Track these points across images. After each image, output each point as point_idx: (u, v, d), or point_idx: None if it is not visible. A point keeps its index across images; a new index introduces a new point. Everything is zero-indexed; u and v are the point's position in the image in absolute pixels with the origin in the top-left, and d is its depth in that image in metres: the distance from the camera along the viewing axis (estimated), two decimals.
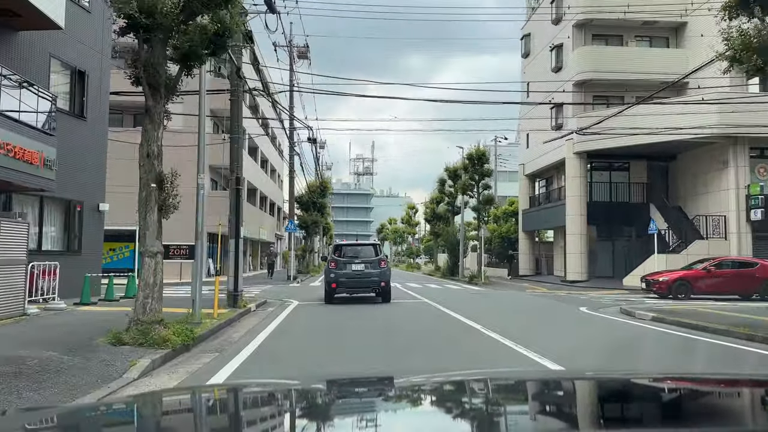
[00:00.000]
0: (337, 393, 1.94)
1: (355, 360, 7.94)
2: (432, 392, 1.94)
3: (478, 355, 8.43)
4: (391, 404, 1.80)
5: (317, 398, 1.89)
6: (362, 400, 1.86)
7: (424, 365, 7.29)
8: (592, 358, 8.51)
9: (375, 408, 1.74)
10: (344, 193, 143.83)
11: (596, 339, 10.38)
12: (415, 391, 1.95)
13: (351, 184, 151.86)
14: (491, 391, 1.93)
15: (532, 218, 35.11)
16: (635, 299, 19.04)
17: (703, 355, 8.85)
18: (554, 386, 2.03)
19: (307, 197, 41.32)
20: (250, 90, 19.98)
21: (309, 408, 1.78)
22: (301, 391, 1.95)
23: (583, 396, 1.89)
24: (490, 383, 2.07)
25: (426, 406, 1.79)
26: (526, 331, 10.74)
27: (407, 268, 59.82)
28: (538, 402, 1.84)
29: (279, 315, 13.37)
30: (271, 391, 2.08)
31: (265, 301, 16.94)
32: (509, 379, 2.31)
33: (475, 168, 31.99)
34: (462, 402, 1.84)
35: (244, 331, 10.59)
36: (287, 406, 1.80)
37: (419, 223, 68.25)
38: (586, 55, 28.69)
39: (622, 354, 9.00)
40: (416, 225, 65.15)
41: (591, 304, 16.81)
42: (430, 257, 79.61)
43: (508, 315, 14.34)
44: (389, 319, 12.82)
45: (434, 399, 1.87)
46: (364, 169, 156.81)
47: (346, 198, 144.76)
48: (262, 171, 42.27)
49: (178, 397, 2.04)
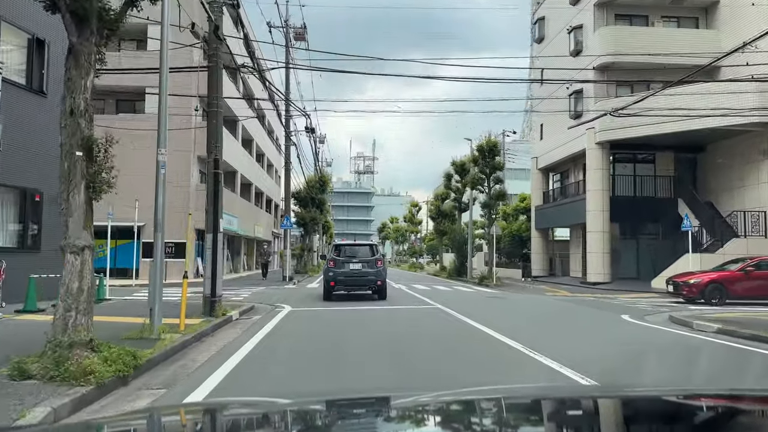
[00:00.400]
0: (335, 415, 1.77)
1: None
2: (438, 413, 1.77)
3: None
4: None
5: (313, 420, 1.75)
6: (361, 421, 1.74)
7: None
8: None
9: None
10: (345, 192, 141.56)
11: (677, 365, 7.98)
12: (419, 412, 1.81)
13: (352, 183, 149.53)
14: (505, 411, 1.78)
15: (546, 215, 32.71)
16: (675, 305, 16.66)
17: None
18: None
19: (305, 193, 38.93)
20: (237, 67, 17.59)
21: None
22: (295, 412, 1.78)
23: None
24: (504, 402, 1.89)
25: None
26: (578, 351, 8.36)
27: (410, 268, 57.41)
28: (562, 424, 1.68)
29: (265, 326, 10.97)
30: (256, 412, 1.88)
31: (253, 306, 14.55)
32: (525, 397, 2.05)
33: (486, 161, 29.60)
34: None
35: (215, 349, 8.21)
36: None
37: (422, 221, 65.81)
38: (608, 35, 26.27)
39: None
40: (419, 223, 62.70)
41: (631, 311, 14.45)
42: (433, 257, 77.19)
43: (544, 327, 11.92)
44: (401, 333, 10.43)
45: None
46: (364, 167, 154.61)
47: (346, 196, 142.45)
48: (257, 165, 39.88)
49: (141, 422, 1.81)
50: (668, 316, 13.06)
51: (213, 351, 8.09)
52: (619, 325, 11.94)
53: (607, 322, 12.66)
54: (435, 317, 13.00)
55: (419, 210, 61.25)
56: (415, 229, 61.24)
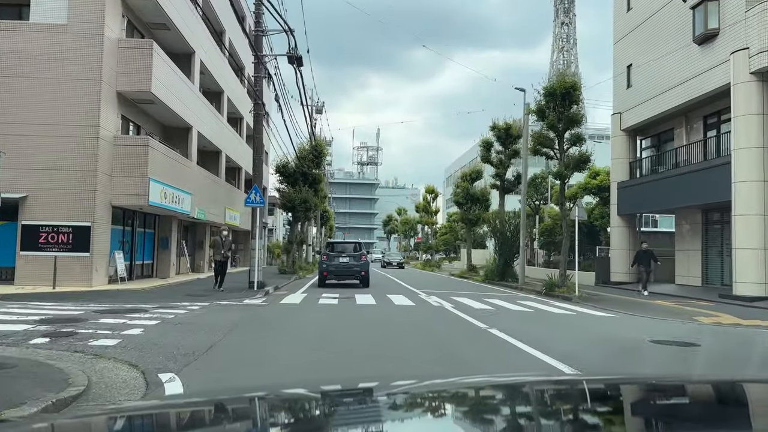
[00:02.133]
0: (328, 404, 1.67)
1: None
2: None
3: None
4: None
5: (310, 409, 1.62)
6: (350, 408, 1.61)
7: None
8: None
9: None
10: (347, 183, 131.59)
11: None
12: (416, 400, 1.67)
13: (354, 174, 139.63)
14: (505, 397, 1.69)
15: (636, 195, 22.79)
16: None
17: None
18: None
19: (295, 166, 29.07)
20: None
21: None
22: (290, 401, 1.69)
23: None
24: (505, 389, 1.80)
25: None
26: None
27: (424, 267, 47.46)
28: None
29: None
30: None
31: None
32: (523, 384, 1.90)
33: (558, 111, 19.70)
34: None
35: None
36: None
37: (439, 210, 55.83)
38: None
39: None
40: (436, 213, 52.60)
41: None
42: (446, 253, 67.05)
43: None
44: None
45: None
46: (368, 158, 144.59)
47: (348, 188, 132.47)
48: (232, 130, 29.95)
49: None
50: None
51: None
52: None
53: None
54: None
55: (435, 197, 51.24)
56: (431, 220, 51.19)
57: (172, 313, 10.97)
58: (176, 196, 19.76)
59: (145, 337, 8.09)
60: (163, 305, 12.48)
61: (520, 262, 23.82)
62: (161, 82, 18.31)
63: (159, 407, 1.77)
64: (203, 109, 23.69)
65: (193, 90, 22.22)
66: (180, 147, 21.96)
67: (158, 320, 9.96)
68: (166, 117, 21.10)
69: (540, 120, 20.52)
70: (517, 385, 1.90)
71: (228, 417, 1.56)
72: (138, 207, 17.73)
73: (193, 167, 22.43)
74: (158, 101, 18.67)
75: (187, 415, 1.60)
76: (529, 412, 1.59)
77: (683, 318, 12.66)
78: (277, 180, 29.95)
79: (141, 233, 20.56)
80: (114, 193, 17.13)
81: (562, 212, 20.42)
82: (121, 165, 17.18)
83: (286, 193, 28.88)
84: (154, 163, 17.84)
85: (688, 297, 17.87)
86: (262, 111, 17.22)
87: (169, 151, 19.48)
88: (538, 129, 21.18)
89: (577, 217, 18.51)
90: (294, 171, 29.05)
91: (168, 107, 19.45)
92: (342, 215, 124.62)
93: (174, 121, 21.65)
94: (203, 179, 24.29)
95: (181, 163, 20.82)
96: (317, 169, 30.40)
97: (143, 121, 20.21)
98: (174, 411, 1.66)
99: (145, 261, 21.09)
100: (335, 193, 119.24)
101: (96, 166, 16.27)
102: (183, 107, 20.93)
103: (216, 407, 1.65)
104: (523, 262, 23.78)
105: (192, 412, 1.65)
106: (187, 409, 1.69)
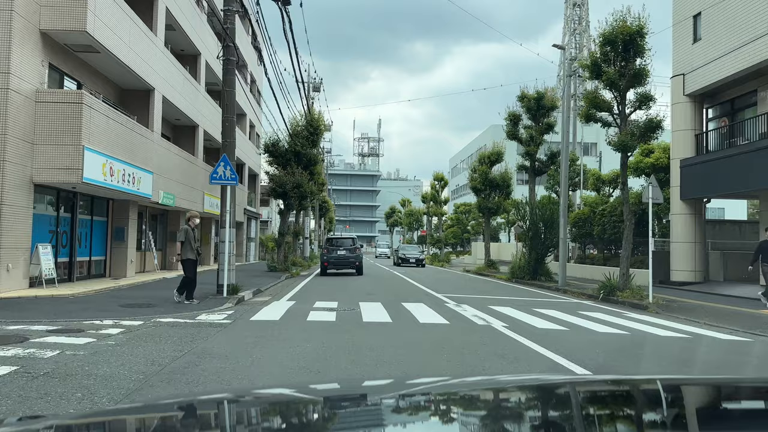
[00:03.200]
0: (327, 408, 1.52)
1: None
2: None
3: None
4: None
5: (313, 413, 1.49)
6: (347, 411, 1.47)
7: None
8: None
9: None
10: (347, 174, 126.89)
11: None
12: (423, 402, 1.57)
13: (355, 165, 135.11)
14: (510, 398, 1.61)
15: (706, 175, 18.40)
16: None
17: None
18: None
19: (287, 145, 24.70)
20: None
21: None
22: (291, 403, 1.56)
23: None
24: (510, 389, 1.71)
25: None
26: None
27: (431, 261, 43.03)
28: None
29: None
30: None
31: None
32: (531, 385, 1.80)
33: (620, 64, 15.30)
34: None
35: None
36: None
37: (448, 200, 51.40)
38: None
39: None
40: (445, 203, 48.00)
41: None
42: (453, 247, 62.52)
43: None
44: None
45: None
46: (369, 149, 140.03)
47: (349, 179, 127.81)
48: (213, 104, 25.46)
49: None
50: None
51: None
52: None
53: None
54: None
55: (445, 185, 46.68)
56: (440, 210, 46.61)
57: (60, 346, 6.66)
58: (130, 174, 15.38)
59: None
60: (67, 326, 8.16)
61: (560, 258, 19.48)
62: (104, 22, 13.91)
63: (153, 408, 1.62)
64: (171, 70, 19.25)
65: (156, 44, 17.78)
66: (141, 115, 17.59)
67: (14, 366, 5.63)
68: (119, 75, 16.71)
69: (593, 78, 16.12)
70: (520, 385, 1.89)
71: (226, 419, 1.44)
72: (70, 185, 13.34)
73: (155, 140, 18.01)
74: (102, 49, 14.27)
75: (194, 414, 1.49)
76: (534, 411, 1.50)
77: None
78: (266, 161, 25.58)
79: (86, 221, 16.18)
80: (37, 168, 12.76)
81: (624, 194, 16.02)
82: (47, 130, 12.80)
83: (277, 176, 24.50)
84: (94, 128, 13.46)
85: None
86: (234, 56, 12.79)
87: (118, 116, 15.09)
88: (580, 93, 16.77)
89: (651, 200, 14.11)
90: (286, 151, 24.66)
91: (118, 59, 15.05)
92: (343, 208, 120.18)
93: (131, 82, 17.26)
94: (173, 157, 19.88)
95: (138, 134, 16.43)
96: (313, 148, 25.97)
97: (88, 77, 15.80)
98: (170, 413, 1.53)
99: (94, 257, 16.72)
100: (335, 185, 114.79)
101: (5, 129, 11.88)
102: (141, 63, 16.52)
103: (219, 407, 1.56)
104: (564, 258, 19.43)
105: (198, 413, 1.51)
106: (186, 409, 1.56)
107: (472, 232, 52.30)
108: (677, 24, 19.78)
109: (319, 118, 25.51)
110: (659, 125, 15.32)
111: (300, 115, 25.69)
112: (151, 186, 17.14)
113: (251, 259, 37.36)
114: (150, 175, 17.02)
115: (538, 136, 23.17)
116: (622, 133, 15.49)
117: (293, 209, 26.76)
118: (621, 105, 15.72)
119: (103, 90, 16.58)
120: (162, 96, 18.41)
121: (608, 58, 15.62)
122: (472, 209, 50.45)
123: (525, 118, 23.98)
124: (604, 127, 16.20)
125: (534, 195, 23.48)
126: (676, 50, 19.85)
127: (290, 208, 25.96)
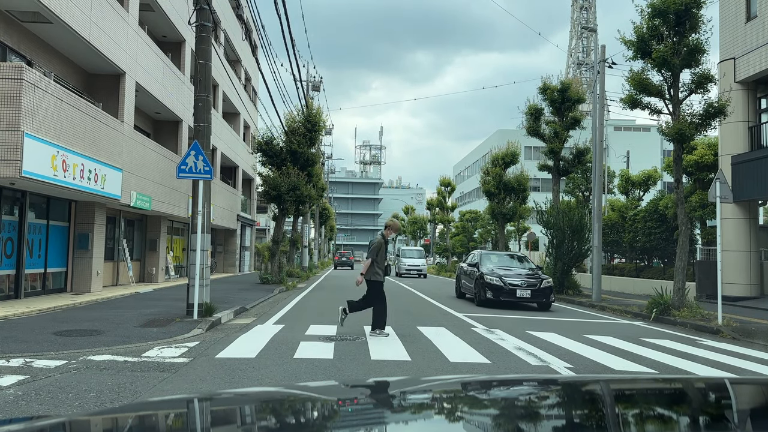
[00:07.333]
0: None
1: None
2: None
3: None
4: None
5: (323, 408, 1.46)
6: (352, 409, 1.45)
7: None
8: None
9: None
10: (349, 182, 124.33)
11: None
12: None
13: (357, 173, 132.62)
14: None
15: (763, 173, 15.91)
16: None
17: None
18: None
19: (284, 142, 22.23)
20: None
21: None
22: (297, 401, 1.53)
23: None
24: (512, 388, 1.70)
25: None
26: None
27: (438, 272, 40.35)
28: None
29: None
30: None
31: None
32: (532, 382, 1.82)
33: (673, 39, 12.87)
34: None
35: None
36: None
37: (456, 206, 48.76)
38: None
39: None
40: (452, 209, 45.42)
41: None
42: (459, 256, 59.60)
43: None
44: None
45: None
46: (371, 157, 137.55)
47: (350, 187, 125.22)
48: None
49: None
50: None
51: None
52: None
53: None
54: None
55: (452, 191, 44.14)
56: (447, 217, 44.00)
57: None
58: (91, 170, 12.90)
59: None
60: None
61: (594, 269, 16.95)
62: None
63: (153, 407, 1.59)
64: (147, 54, 16.81)
65: (128, 21, 15.35)
66: (109, 103, 15.15)
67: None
68: (83, 56, 14.27)
69: (638, 57, 13.65)
70: (516, 381, 1.85)
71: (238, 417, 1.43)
72: (6, 180, 10.83)
73: (126, 132, 15.54)
74: (54, 18, 11.85)
75: (208, 412, 1.46)
76: (530, 410, 1.49)
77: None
78: (259, 161, 23.11)
79: (40, 227, 13.68)
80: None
81: (678, 194, 13.53)
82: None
83: (270, 177, 22.01)
84: (40, 111, 11.01)
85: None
86: (209, 21, 10.34)
87: (77, 101, 12.62)
88: None
89: (718, 198, 11.64)
90: (281, 149, 22.20)
91: (76, 33, 12.61)
92: (344, 216, 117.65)
93: (98, 65, 14.81)
94: (149, 154, 17.42)
95: (103, 123, 13.96)
96: (311, 147, 23.49)
97: (42, 55, 13.35)
98: (170, 412, 1.50)
99: (51, 269, 14.20)
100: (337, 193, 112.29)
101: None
102: (107, 40, 14.10)
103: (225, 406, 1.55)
104: (598, 269, 16.90)
105: (199, 413, 1.47)
106: (196, 407, 1.52)
107: (480, 241, 49.79)
108: (727, 5, 17.34)
109: (318, 113, 23.02)
110: (722, 111, 12.83)
111: (297, 111, 23.25)
112: (121, 186, 14.65)
113: (245, 269, 34.79)
114: (119, 173, 14.55)
115: (562, 132, 20.67)
116: (675, 120, 13.02)
117: (289, 215, 24.25)
118: (673, 88, 13.27)
119: (62, 72, 14.13)
120: (135, 83, 15.95)
121: (658, 32, 13.19)
122: (479, 216, 48.05)
123: (547, 113, 21.50)
124: (652, 114, 13.71)
125: (558, 198, 20.96)
126: (724, 30, 17.40)
127: (286, 213, 23.43)
